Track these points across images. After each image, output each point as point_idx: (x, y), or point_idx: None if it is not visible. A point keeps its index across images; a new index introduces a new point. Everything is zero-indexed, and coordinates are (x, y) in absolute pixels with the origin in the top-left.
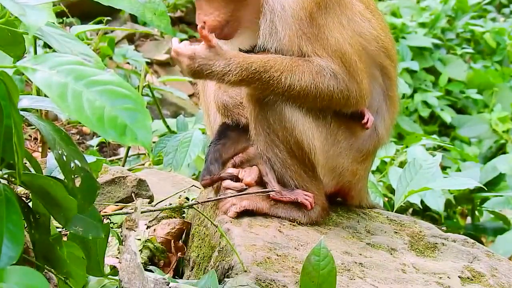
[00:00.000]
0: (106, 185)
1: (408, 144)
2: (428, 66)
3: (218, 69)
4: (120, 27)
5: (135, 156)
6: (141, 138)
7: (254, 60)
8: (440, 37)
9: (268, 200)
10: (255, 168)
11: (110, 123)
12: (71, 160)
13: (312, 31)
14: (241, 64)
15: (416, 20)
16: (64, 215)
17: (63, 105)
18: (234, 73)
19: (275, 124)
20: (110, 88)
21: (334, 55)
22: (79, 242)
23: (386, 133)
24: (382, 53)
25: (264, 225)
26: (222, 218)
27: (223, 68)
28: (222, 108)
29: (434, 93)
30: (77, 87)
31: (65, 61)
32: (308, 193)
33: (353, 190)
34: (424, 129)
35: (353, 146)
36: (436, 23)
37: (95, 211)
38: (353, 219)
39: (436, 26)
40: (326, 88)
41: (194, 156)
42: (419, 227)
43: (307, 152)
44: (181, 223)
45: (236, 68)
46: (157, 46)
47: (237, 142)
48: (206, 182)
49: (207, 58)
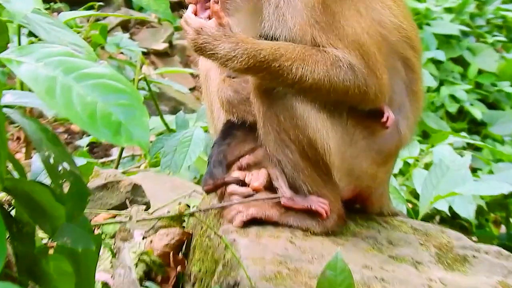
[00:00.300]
0: (98, 190)
1: (434, 143)
2: (456, 56)
3: (222, 53)
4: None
5: (130, 158)
6: (137, 137)
7: (264, 47)
8: (468, 24)
9: (279, 207)
10: (263, 171)
11: (103, 120)
12: (59, 163)
13: (325, 19)
14: (248, 50)
15: (442, 5)
16: (51, 225)
17: (51, 101)
18: (240, 60)
19: (285, 121)
20: (103, 82)
21: (351, 47)
22: (67, 255)
23: (409, 131)
24: (405, 43)
25: (274, 236)
26: (227, 228)
27: (227, 52)
28: (226, 104)
29: (462, 86)
30: (66, 81)
31: (53, 52)
32: (323, 199)
33: (373, 196)
34: (451, 126)
35: (373, 147)
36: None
37: (85, 220)
38: (373, 229)
39: (464, 11)
40: (342, 82)
41: (195, 158)
42: (447, 238)
43: (321, 153)
44: (181, 234)
45: (242, 54)
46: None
47: (243, 142)
48: (209, 187)
49: (213, 37)
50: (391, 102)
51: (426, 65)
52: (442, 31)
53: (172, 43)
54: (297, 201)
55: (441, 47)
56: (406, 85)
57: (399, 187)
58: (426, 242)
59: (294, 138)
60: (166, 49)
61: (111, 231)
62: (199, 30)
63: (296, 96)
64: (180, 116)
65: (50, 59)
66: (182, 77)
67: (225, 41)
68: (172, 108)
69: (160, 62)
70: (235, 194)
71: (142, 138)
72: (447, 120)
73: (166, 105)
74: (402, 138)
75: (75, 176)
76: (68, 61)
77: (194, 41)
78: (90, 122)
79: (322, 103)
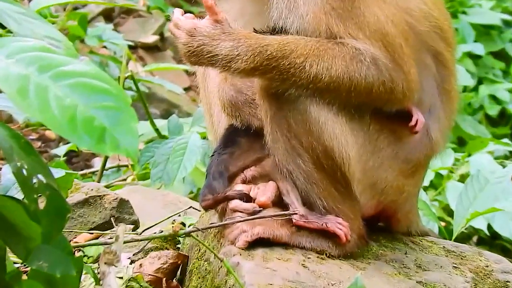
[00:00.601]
0: (78, 206)
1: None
2: (497, 49)
3: (223, 52)
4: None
5: (115, 169)
6: (124, 145)
7: (270, 42)
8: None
9: (289, 226)
10: (271, 184)
11: (84, 126)
12: (33, 175)
13: (344, 5)
14: (253, 47)
15: None
16: (24, 246)
17: (24, 103)
18: (244, 59)
19: (297, 126)
20: (84, 81)
21: (374, 37)
22: (44, 281)
23: (442, 137)
24: (435, 34)
25: (283, 258)
26: (229, 250)
27: (229, 51)
28: (228, 106)
29: (504, 85)
30: (41, 80)
31: (26, 47)
32: (342, 220)
33: (399, 212)
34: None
35: (399, 155)
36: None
37: (64, 241)
38: (399, 250)
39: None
40: (364, 79)
41: (191, 168)
42: (485, 261)
43: (339, 163)
44: (175, 256)
45: (246, 52)
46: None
47: (248, 151)
48: (208, 203)
49: (210, 36)
50: (420, 103)
51: (462, 60)
52: (481, 21)
53: (164, 35)
54: (312, 219)
55: (479, 39)
56: (438, 83)
57: (429, 202)
58: (460, 266)
59: (307, 146)
60: (157, 42)
61: (94, 254)
62: (193, 31)
63: (309, 97)
64: (173, 120)
65: (23, 55)
66: (176, 75)
67: (225, 39)
68: (163, 111)
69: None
70: (239, 210)
71: (130, 146)
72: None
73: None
74: (433, 145)
75: (52, 190)
76: (43, 57)
77: (187, 45)
78: (69, 127)
79: (341, 105)
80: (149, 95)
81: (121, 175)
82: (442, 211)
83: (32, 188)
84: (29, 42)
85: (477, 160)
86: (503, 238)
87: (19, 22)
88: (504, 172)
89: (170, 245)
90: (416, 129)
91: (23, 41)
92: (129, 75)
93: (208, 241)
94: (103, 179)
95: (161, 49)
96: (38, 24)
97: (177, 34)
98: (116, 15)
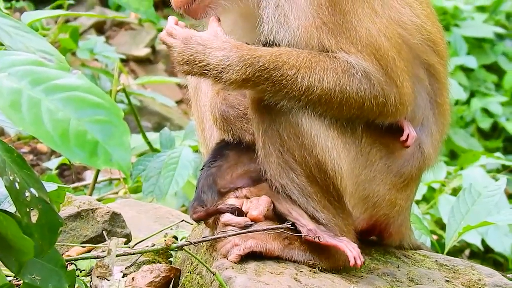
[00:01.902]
0: (70, 220)
1: (464, 165)
2: (489, 62)
3: (215, 61)
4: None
5: (107, 182)
6: (117, 158)
7: (263, 54)
8: (504, 25)
9: (281, 239)
10: (263, 198)
11: (77, 139)
12: (26, 188)
13: (335, 20)
14: (245, 57)
15: (473, 3)
16: (17, 260)
17: (16, 117)
18: (236, 69)
19: (289, 140)
20: (77, 95)
21: (366, 51)
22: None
23: (434, 151)
24: (428, 47)
25: (276, 272)
26: (221, 263)
27: (220, 61)
28: (220, 121)
29: (497, 98)
30: (34, 93)
31: (19, 61)
32: (355, 244)
33: (392, 226)
34: (484, 145)
35: (391, 168)
36: (499, 6)
37: (57, 255)
38: (391, 264)
39: (499, 11)
40: (356, 93)
41: (183, 182)
42: (477, 274)
43: (332, 176)
44: (167, 270)
45: (238, 62)
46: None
47: (235, 164)
48: (199, 214)
49: (204, 44)
50: (413, 117)
51: (455, 73)
52: (474, 34)
53: (155, 48)
54: (322, 236)
55: (472, 52)
56: (430, 96)
57: (422, 215)
58: (453, 280)
59: (300, 159)
60: (148, 55)
61: (86, 267)
62: (188, 40)
63: (301, 111)
64: (165, 133)
65: (15, 68)
66: (167, 88)
67: (217, 49)
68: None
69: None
70: (231, 224)
71: (122, 159)
72: (479, 138)
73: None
74: (425, 159)
75: (44, 203)
76: (36, 71)
77: (182, 53)
78: (62, 141)
79: (333, 118)
80: (141, 108)
81: (113, 188)
82: (434, 225)
83: (24, 202)
84: (22, 56)
85: (470, 173)
86: (495, 252)
87: (12, 36)
88: (496, 186)
89: (163, 259)
90: (408, 144)
91: (16, 55)
92: (121, 88)
93: (200, 254)
94: (95, 192)
95: (153, 62)
96: (30, 37)
97: (171, 42)
98: (108, 27)
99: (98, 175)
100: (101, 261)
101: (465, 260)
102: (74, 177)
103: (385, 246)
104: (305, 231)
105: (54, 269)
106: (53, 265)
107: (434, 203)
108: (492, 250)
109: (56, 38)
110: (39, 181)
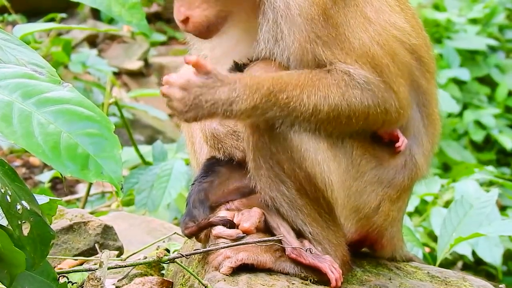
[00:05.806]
0: (63, 233)
1: (456, 178)
2: (482, 75)
3: (223, 97)
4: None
5: (99, 195)
6: (108, 172)
7: (264, 79)
8: (497, 37)
9: (273, 252)
10: (255, 210)
11: (68, 153)
12: (17, 201)
13: (328, 32)
14: (249, 85)
15: (466, 15)
16: (9, 272)
17: (7, 130)
18: (243, 98)
19: (279, 154)
20: (68, 108)
21: (361, 60)
22: None
23: (426, 162)
24: (412, 56)
25: (267, 284)
26: (213, 276)
27: (228, 94)
28: (211, 138)
29: (489, 111)
30: (25, 106)
31: (10, 74)
32: (337, 265)
33: (384, 238)
34: (477, 157)
35: (382, 179)
36: (491, 19)
37: (49, 268)
38: (383, 276)
39: (492, 23)
40: (361, 103)
41: (176, 195)
42: (469, 286)
43: (322, 188)
44: (159, 283)
45: (244, 91)
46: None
47: (227, 180)
48: (191, 230)
49: (206, 86)
50: (405, 127)
51: (447, 85)
52: (466, 46)
53: (148, 61)
54: (305, 256)
55: (464, 64)
56: (419, 106)
57: (414, 228)
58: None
59: (290, 173)
60: (141, 68)
61: (78, 280)
62: (186, 85)
63: (315, 131)
64: (157, 146)
65: (6, 81)
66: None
67: (221, 86)
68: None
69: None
70: (222, 236)
71: (113, 173)
72: (472, 150)
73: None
74: (417, 170)
75: (36, 216)
76: (27, 84)
77: (182, 101)
78: (53, 154)
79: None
80: (134, 121)
81: (106, 201)
82: (427, 237)
83: (16, 215)
84: (13, 69)
85: (463, 186)
86: (487, 264)
87: (3, 48)
88: (488, 197)
89: (155, 271)
90: (401, 148)
91: (7, 68)
92: (113, 102)
93: (192, 267)
94: (88, 205)
95: (145, 75)
96: (21, 50)
97: (169, 93)
98: (100, 41)
99: (90, 188)
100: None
101: (457, 272)
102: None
103: (377, 258)
104: (289, 250)
105: (46, 282)
106: (45, 278)
107: (427, 215)
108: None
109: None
110: (31, 194)
